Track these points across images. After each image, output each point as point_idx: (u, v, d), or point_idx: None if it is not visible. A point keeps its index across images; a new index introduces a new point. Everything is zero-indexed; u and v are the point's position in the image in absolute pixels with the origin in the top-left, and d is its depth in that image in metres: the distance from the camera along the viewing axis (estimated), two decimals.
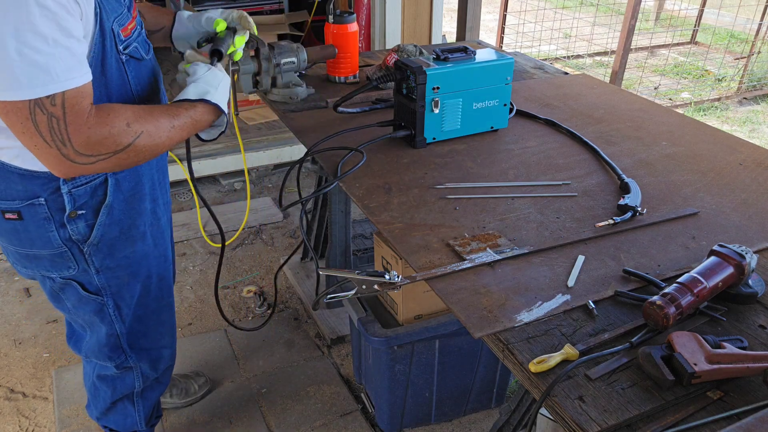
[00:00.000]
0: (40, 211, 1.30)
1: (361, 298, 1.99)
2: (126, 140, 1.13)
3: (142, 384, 1.73)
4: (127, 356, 1.64)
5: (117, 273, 1.47)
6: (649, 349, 1.02)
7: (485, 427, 2.19)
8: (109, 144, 1.11)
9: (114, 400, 1.74)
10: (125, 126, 1.13)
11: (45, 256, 1.37)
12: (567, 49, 6.28)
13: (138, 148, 1.15)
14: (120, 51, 1.24)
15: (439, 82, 1.71)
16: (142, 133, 1.15)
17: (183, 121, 1.23)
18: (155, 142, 1.18)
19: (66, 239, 1.35)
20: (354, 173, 1.62)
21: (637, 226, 1.43)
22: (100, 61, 1.20)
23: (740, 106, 5.46)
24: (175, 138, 1.22)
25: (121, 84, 1.28)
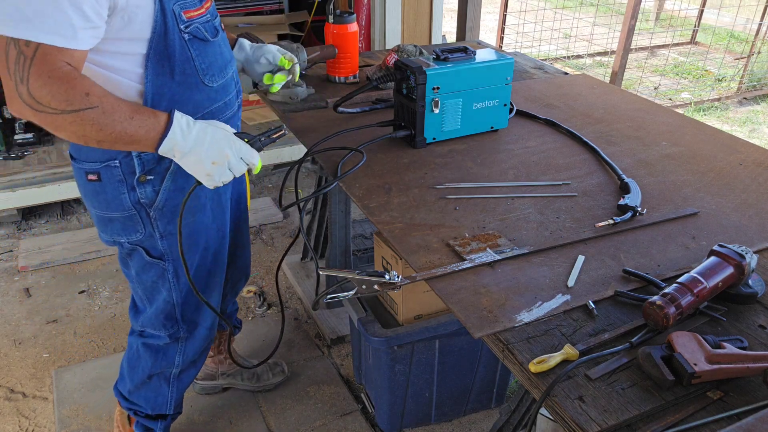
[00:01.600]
0: (115, 173, 1.42)
1: (361, 298, 1.99)
2: (76, 105, 1.16)
3: (182, 362, 1.78)
4: (180, 327, 1.71)
5: (176, 240, 1.53)
6: (649, 349, 1.02)
7: (485, 427, 2.19)
8: (60, 100, 1.15)
9: (152, 373, 1.78)
10: (83, 93, 1.16)
11: (118, 218, 1.49)
12: (567, 49, 6.28)
13: (84, 118, 1.17)
14: (182, 30, 1.33)
15: (439, 82, 1.71)
16: (96, 107, 1.17)
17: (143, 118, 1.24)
18: (104, 121, 1.19)
19: (135, 202, 1.46)
20: (354, 173, 1.62)
21: (637, 226, 1.43)
22: (163, 36, 1.30)
23: (740, 106, 5.46)
24: (128, 129, 1.22)
25: (185, 59, 1.36)
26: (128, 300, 2.79)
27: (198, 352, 1.80)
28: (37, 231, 3.31)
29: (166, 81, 1.35)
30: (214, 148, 1.30)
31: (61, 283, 2.90)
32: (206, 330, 1.77)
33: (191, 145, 1.28)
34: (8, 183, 3.14)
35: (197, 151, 1.29)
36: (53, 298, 2.80)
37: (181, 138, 1.27)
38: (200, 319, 1.74)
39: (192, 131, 1.28)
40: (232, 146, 1.32)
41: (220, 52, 1.48)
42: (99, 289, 2.86)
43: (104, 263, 3.05)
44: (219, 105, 1.49)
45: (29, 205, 3.27)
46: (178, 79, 1.37)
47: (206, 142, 1.29)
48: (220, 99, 1.49)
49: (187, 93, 1.40)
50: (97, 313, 2.71)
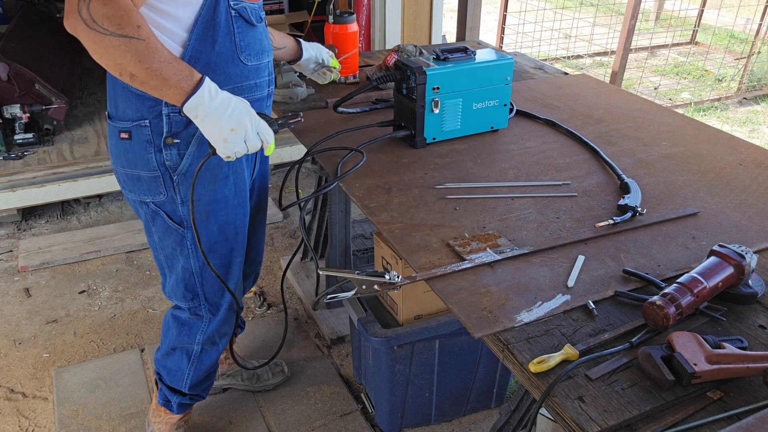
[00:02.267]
0: (144, 132, 1.48)
1: (361, 298, 1.99)
2: (126, 31, 1.23)
3: (202, 340, 1.81)
4: (201, 303, 1.75)
5: (198, 207, 1.58)
6: (649, 349, 1.02)
7: (485, 427, 2.19)
8: (114, 23, 1.22)
9: (175, 346, 1.83)
10: (136, 25, 1.24)
11: (144, 177, 1.54)
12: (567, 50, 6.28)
13: (129, 45, 1.23)
14: (231, 5, 1.43)
15: (439, 82, 1.71)
16: (143, 40, 1.24)
17: (180, 67, 1.30)
18: (146, 55, 1.25)
19: (161, 164, 1.51)
20: (354, 173, 1.62)
21: (637, 226, 1.43)
22: (213, 6, 1.39)
23: (740, 106, 5.46)
24: (164, 71, 1.28)
25: (227, 32, 1.45)
26: (128, 300, 2.79)
27: (219, 333, 1.82)
28: (37, 231, 3.31)
29: (206, 48, 1.42)
30: (235, 116, 1.35)
31: (61, 283, 2.90)
32: (226, 311, 1.79)
33: (215, 107, 1.33)
34: (8, 183, 3.14)
35: (219, 114, 1.33)
36: (53, 298, 2.80)
37: (208, 98, 1.32)
38: (222, 300, 1.76)
39: (219, 95, 1.34)
40: (252, 119, 1.38)
41: (259, 38, 1.56)
42: (99, 289, 2.86)
43: (104, 263, 3.05)
44: (249, 84, 1.55)
45: (29, 205, 3.27)
46: (218, 49, 1.45)
47: (229, 108, 1.34)
48: (252, 78, 1.55)
49: (222, 64, 1.47)
50: (97, 313, 2.71)
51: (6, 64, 3.32)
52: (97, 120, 3.87)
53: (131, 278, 2.94)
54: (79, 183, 3.24)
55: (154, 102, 1.45)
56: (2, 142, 3.34)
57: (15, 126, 3.41)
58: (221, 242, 1.67)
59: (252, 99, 1.57)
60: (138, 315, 2.69)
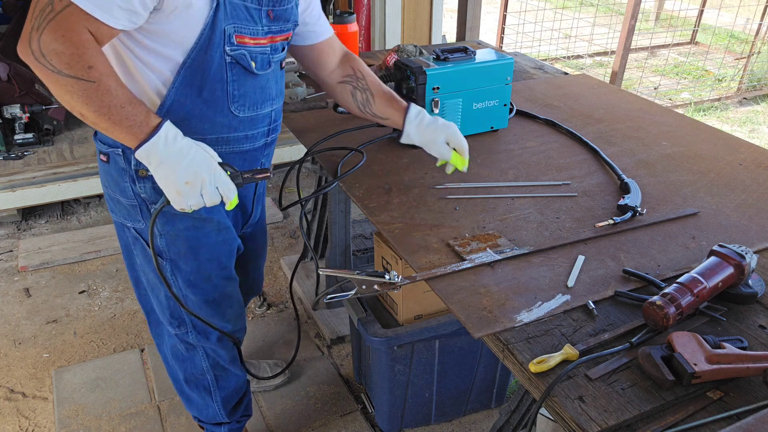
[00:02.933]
0: (119, 160, 1.40)
1: (361, 299, 1.99)
2: (74, 71, 1.14)
3: (211, 368, 1.74)
4: (188, 330, 1.66)
5: (176, 242, 1.50)
6: (649, 349, 1.02)
7: (485, 427, 2.19)
8: (62, 61, 1.13)
9: (187, 380, 1.77)
10: (87, 65, 1.14)
11: (123, 203, 1.47)
12: (567, 50, 6.28)
13: (76, 86, 1.14)
14: (226, 51, 1.31)
15: (439, 82, 1.71)
16: (93, 82, 1.15)
17: (135, 113, 1.20)
18: (94, 99, 1.16)
19: (136, 194, 1.43)
20: (354, 173, 1.62)
21: (637, 226, 1.43)
22: (204, 50, 1.28)
23: (740, 106, 5.46)
24: (114, 116, 1.18)
25: (219, 80, 1.34)
26: (128, 300, 2.79)
27: (222, 358, 1.74)
28: (37, 231, 3.31)
29: (191, 94, 1.32)
30: (192, 168, 1.23)
31: (61, 283, 2.90)
32: (216, 340, 1.70)
33: (170, 156, 1.22)
34: (8, 183, 3.14)
35: (174, 164, 1.22)
36: (53, 298, 2.80)
37: (162, 146, 1.21)
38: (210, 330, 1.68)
39: (177, 144, 1.23)
40: (210, 172, 1.25)
41: (261, 86, 1.43)
42: (99, 289, 2.86)
43: (104, 263, 3.05)
44: (238, 135, 1.44)
45: (29, 205, 3.27)
46: (205, 96, 1.34)
47: (187, 158, 1.23)
48: (242, 130, 1.44)
49: (209, 112, 1.36)
50: (97, 313, 2.71)
51: (6, 64, 3.32)
52: None
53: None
54: (79, 183, 3.24)
55: None
56: (2, 142, 3.34)
57: (15, 126, 3.41)
58: (204, 279, 1.58)
59: (240, 151, 1.47)
60: (138, 315, 2.69)
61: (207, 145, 1.29)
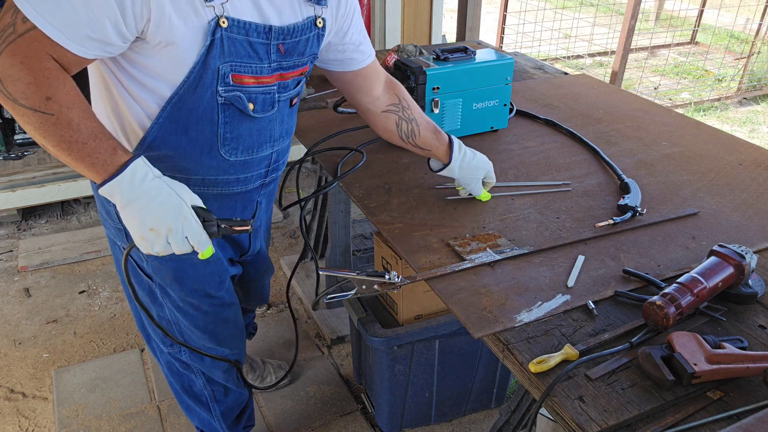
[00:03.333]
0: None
1: (361, 298, 1.99)
2: (30, 103, 1.02)
3: (208, 384, 1.70)
4: (181, 349, 1.60)
5: (160, 270, 1.43)
6: (649, 349, 1.02)
7: (485, 427, 2.19)
8: (18, 90, 1.02)
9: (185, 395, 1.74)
10: (44, 97, 1.02)
11: (111, 224, 1.41)
12: (567, 50, 6.28)
13: (32, 118, 1.03)
14: (218, 92, 1.19)
15: (439, 82, 1.71)
16: (51, 115, 1.03)
17: (98, 148, 1.08)
18: (52, 133, 1.05)
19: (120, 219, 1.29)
20: (354, 173, 1.62)
21: (637, 226, 1.43)
22: (193, 89, 1.17)
23: (740, 106, 5.46)
24: (74, 151, 1.07)
25: (209, 122, 1.23)
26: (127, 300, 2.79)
27: (219, 378, 1.70)
28: (37, 231, 3.31)
29: (176, 131, 1.22)
30: (158, 214, 1.11)
31: (61, 283, 2.90)
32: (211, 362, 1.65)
33: (134, 198, 1.10)
34: (8, 183, 3.14)
35: (138, 208, 1.11)
36: (53, 298, 2.80)
37: (127, 187, 1.09)
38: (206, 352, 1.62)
39: (143, 185, 1.10)
40: (179, 221, 1.13)
41: (260, 128, 1.31)
42: (99, 289, 2.86)
43: (104, 263, 3.05)
44: (228, 178, 1.33)
45: (29, 205, 3.27)
46: (192, 135, 1.23)
47: (153, 203, 1.11)
48: (233, 173, 1.33)
49: (194, 152, 1.25)
50: (97, 313, 2.71)
51: None
52: None
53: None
54: (79, 183, 3.24)
55: None
56: (2, 142, 3.34)
57: (15, 126, 3.41)
58: (193, 307, 1.51)
59: (231, 193, 1.36)
60: None
61: (188, 186, 1.18)
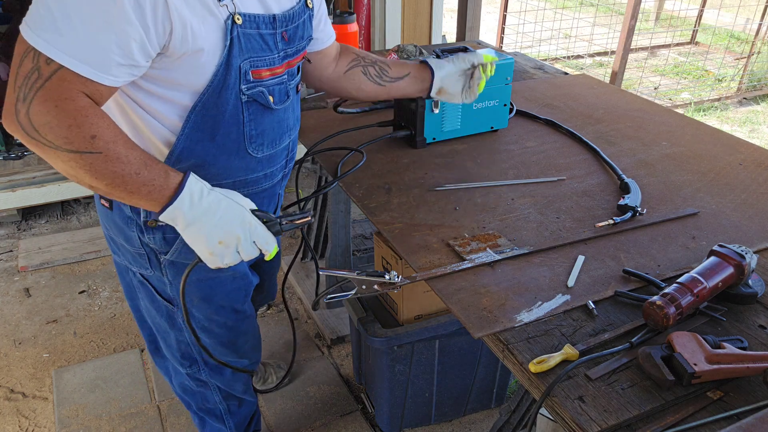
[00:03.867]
0: (125, 208, 1.28)
1: (361, 298, 1.99)
2: (76, 146, 0.99)
3: (224, 400, 1.70)
4: (201, 368, 1.59)
5: (188, 293, 1.39)
6: (649, 349, 1.02)
7: (485, 427, 2.19)
8: (59, 136, 0.98)
9: (200, 411, 1.74)
10: (89, 136, 0.99)
11: (128, 249, 1.36)
12: (567, 50, 6.28)
13: (81, 161, 1.00)
14: (242, 90, 1.18)
15: None
16: (99, 153, 1.00)
17: (151, 176, 1.06)
18: (104, 171, 1.02)
19: (144, 244, 1.32)
20: (354, 173, 1.62)
21: (637, 226, 1.43)
22: (218, 93, 1.15)
23: (740, 106, 5.46)
24: (129, 185, 1.05)
25: (235, 123, 1.22)
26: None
27: (235, 390, 1.70)
28: (37, 231, 3.31)
29: (203, 139, 1.19)
30: (224, 226, 1.12)
31: (61, 283, 2.90)
32: (231, 374, 1.66)
33: (198, 216, 1.10)
34: (8, 183, 3.15)
35: (203, 224, 1.10)
36: (53, 298, 2.80)
37: (188, 208, 1.09)
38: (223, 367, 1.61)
39: (203, 202, 1.10)
40: (245, 227, 1.14)
41: (279, 120, 1.31)
42: (99, 289, 2.86)
43: (104, 263, 3.05)
44: (258, 176, 1.33)
45: (29, 205, 3.27)
46: (219, 141, 1.21)
47: (216, 217, 1.11)
48: (260, 170, 1.33)
49: (223, 157, 1.24)
50: (97, 313, 2.71)
51: (6, 64, 3.32)
52: None
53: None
54: None
55: None
56: (2, 142, 3.34)
57: None
58: (218, 325, 1.51)
59: (257, 191, 1.36)
60: None
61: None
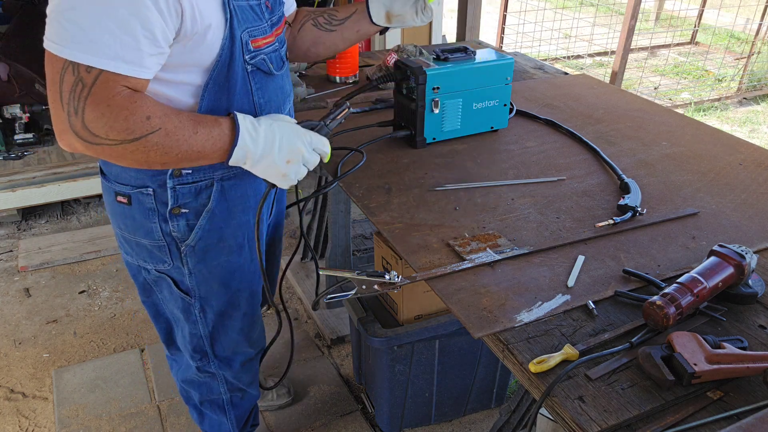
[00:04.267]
0: (147, 200, 1.32)
1: (361, 298, 1.99)
2: (138, 132, 1.06)
3: (228, 391, 1.73)
4: (210, 361, 1.63)
5: (208, 279, 1.45)
6: (649, 349, 1.02)
7: (485, 427, 2.19)
8: (120, 130, 1.05)
9: (202, 400, 1.76)
10: (144, 117, 1.06)
11: (146, 245, 1.39)
12: (567, 50, 6.28)
13: (147, 144, 1.07)
14: (246, 60, 1.23)
15: (439, 82, 1.71)
16: (159, 129, 1.08)
17: (207, 130, 1.13)
18: (169, 143, 1.09)
19: (166, 234, 1.36)
20: (354, 173, 1.62)
21: (637, 226, 1.43)
22: (227, 66, 1.20)
23: (740, 106, 5.46)
24: (194, 146, 1.12)
25: (245, 93, 1.27)
26: (128, 300, 2.79)
27: (242, 382, 1.73)
28: (37, 231, 3.31)
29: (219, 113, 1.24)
30: (286, 147, 1.19)
31: (61, 283, 2.90)
32: (240, 365, 1.69)
33: (262, 149, 1.17)
34: (8, 183, 3.15)
35: (269, 154, 1.18)
36: (53, 298, 2.80)
37: (251, 144, 1.16)
38: (234, 356, 1.66)
39: (260, 133, 1.17)
40: (303, 139, 1.22)
41: (280, 86, 1.37)
42: (99, 289, 2.86)
43: (104, 263, 3.05)
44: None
45: (29, 205, 3.27)
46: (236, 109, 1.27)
47: (276, 141, 1.18)
48: None
49: None
50: (97, 313, 2.71)
51: (6, 64, 3.32)
52: None
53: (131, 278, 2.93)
54: (79, 183, 3.24)
55: (158, 171, 1.29)
56: (2, 142, 3.34)
57: (15, 126, 3.41)
58: (233, 308, 1.55)
59: None
60: (138, 315, 2.69)
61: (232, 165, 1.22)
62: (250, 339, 1.66)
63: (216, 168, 1.32)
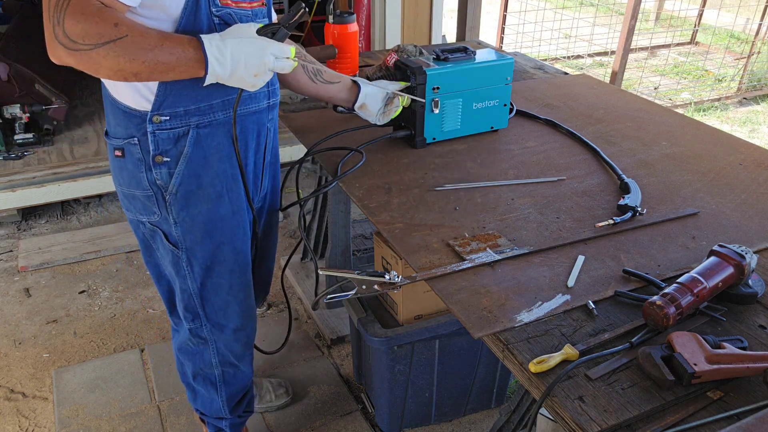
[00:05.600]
0: (134, 150, 1.44)
1: (361, 298, 1.99)
2: (106, 36, 1.18)
3: (219, 364, 1.77)
4: (202, 324, 1.69)
5: (192, 228, 1.54)
6: (649, 349, 1.02)
7: (485, 427, 2.19)
8: (92, 34, 1.17)
9: (195, 373, 1.80)
10: (112, 24, 1.18)
11: (138, 197, 1.50)
12: (567, 50, 6.28)
13: (115, 49, 1.19)
14: (212, 12, 1.34)
15: (439, 82, 1.71)
16: (125, 36, 1.19)
17: (174, 43, 1.24)
18: (135, 50, 1.20)
19: (152, 182, 1.47)
20: (354, 173, 1.62)
21: (637, 226, 1.43)
22: (193, 14, 1.31)
23: (740, 106, 5.46)
24: (160, 57, 1.22)
25: None
26: (128, 300, 2.79)
27: (233, 354, 1.76)
28: (37, 231, 3.31)
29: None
30: (252, 63, 1.30)
31: (61, 283, 2.90)
32: (232, 332, 1.72)
33: (230, 71, 1.29)
34: (8, 183, 3.14)
35: (238, 73, 1.30)
36: (53, 298, 2.80)
37: (220, 69, 1.27)
38: (225, 321, 1.70)
39: (227, 57, 1.27)
40: (265, 52, 1.31)
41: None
42: (99, 289, 2.86)
43: (104, 263, 3.05)
44: (243, 96, 1.48)
45: (29, 205, 3.27)
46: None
47: (242, 61, 1.29)
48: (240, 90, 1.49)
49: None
50: (97, 313, 2.71)
51: (6, 64, 3.32)
52: (97, 120, 3.87)
53: (131, 278, 2.94)
54: (79, 183, 3.24)
55: (140, 119, 1.40)
56: (2, 142, 3.34)
57: (15, 126, 3.41)
58: (219, 263, 1.61)
59: (246, 113, 1.51)
60: (138, 315, 2.69)
61: (211, 112, 1.40)
62: (240, 304, 1.70)
63: (192, 114, 1.41)
